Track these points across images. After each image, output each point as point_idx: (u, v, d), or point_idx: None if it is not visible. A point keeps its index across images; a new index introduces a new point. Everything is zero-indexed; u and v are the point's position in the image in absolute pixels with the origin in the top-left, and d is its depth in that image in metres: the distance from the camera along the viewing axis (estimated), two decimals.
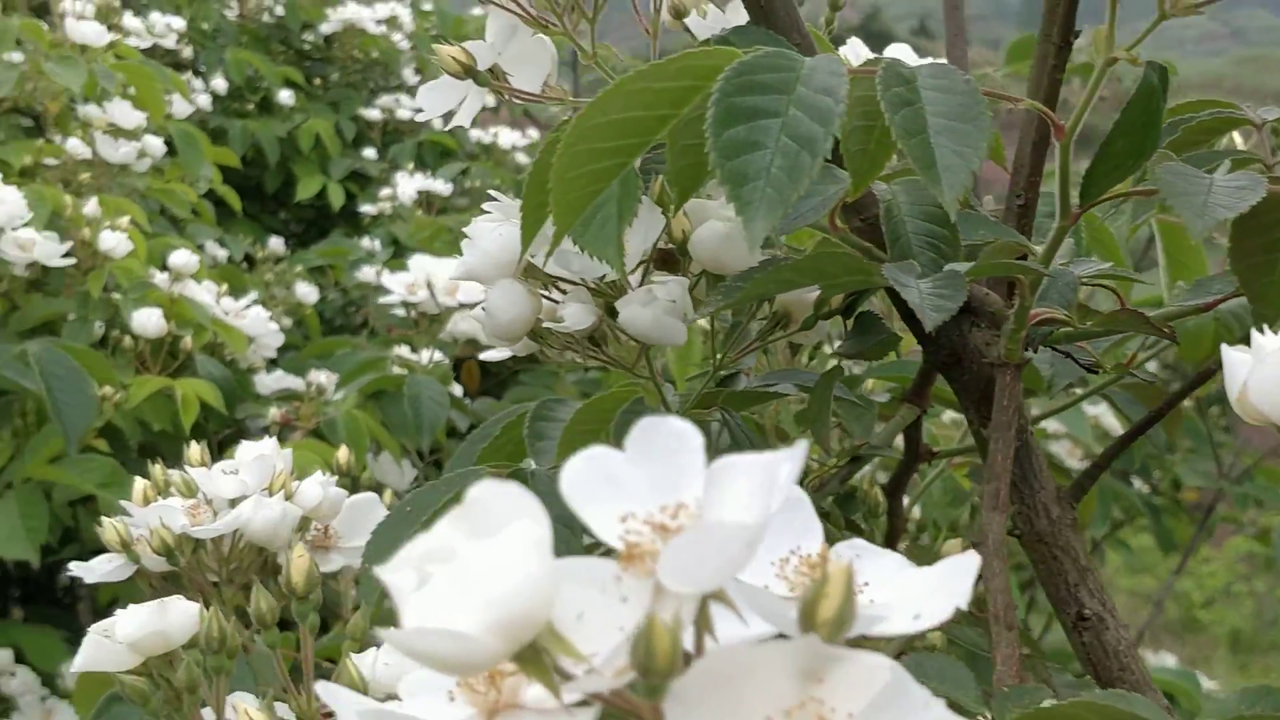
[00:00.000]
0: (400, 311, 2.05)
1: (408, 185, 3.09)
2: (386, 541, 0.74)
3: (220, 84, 3.44)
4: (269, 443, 0.93)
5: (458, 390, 2.03)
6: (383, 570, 0.33)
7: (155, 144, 2.06)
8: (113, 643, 0.58)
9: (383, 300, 2.09)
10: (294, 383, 1.93)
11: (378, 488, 1.42)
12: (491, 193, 0.85)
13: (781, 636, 0.33)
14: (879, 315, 0.75)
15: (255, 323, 1.87)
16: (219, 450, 1.90)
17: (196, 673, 0.56)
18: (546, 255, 0.65)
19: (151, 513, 0.84)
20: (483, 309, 0.76)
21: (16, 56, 2.03)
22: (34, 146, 1.95)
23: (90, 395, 1.50)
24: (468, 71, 0.73)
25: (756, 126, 0.53)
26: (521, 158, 3.84)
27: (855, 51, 0.77)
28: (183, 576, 0.91)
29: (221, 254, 2.80)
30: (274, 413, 1.77)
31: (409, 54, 3.98)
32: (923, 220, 0.66)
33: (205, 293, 1.84)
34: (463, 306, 1.83)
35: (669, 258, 0.76)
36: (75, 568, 0.89)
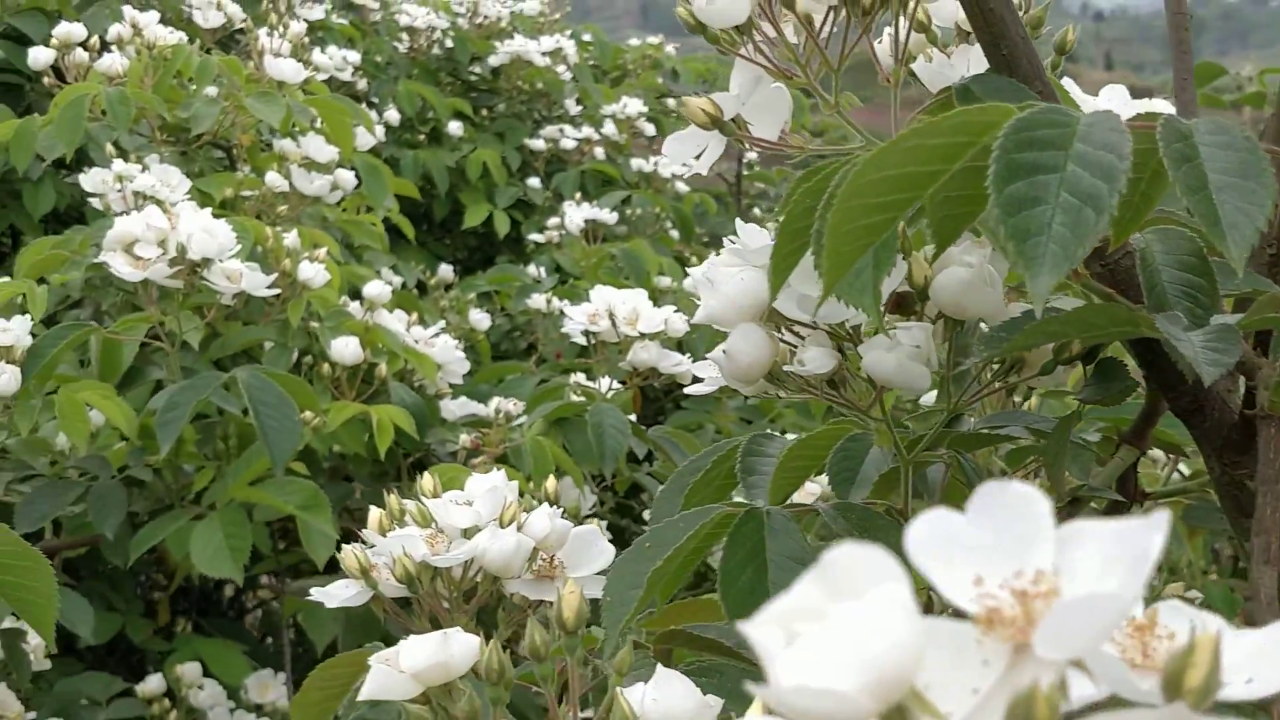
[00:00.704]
0: (581, 340, 2.09)
1: (575, 214, 3.14)
2: (628, 576, 0.75)
3: (393, 115, 3.53)
4: (499, 475, 0.95)
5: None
6: (748, 626, 0.34)
7: (347, 177, 2.12)
8: (398, 672, 0.60)
9: (565, 328, 2.12)
10: (477, 408, 1.97)
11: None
12: (731, 239, 0.85)
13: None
14: (1121, 362, 0.75)
15: (444, 350, 1.92)
16: (410, 474, 1.95)
17: (478, 703, 0.58)
18: (817, 306, 0.66)
19: (394, 541, 0.87)
20: (723, 351, 0.77)
21: (212, 91, 2.12)
22: (234, 179, 2.02)
23: (295, 420, 1.55)
24: (715, 122, 0.74)
25: (1036, 182, 0.53)
26: (681, 186, 3.88)
27: (1113, 99, 0.77)
28: (415, 603, 0.94)
29: (395, 281, 2.87)
30: (464, 439, 1.81)
31: (571, 85, 4.05)
32: (1178, 269, 0.65)
33: (396, 321, 1.89)
34: (643, 336, 1.85)
35: (904, 301, 0.76)
36: (317, 593, 0.93)
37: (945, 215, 0.62)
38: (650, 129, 4.02)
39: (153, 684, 1.87)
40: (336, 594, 0.91)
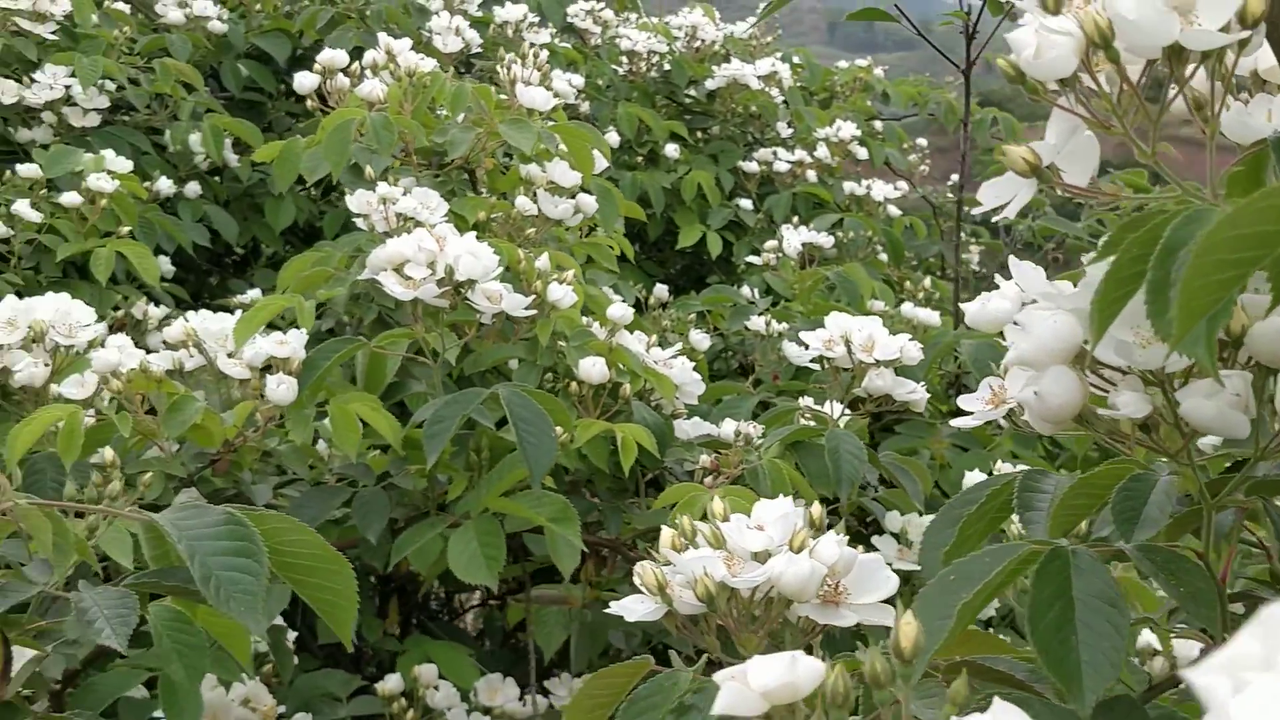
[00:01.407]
0: (801, 362, 2.12)
1: (793, 238, 3.16)
2: (937, 608, 0.77)
3: (613, 137, 3.60)
4: (786, 502, 0.99)
5: None
6: (1193, 674, 0.37)
7: (588, 201, 2.18)
8: (749, 690, 0.63)
9: (784, 351, 2.16)
10: (710, 428, 2.00)
11: None
12: (1003, 272, 0.87)
13: None
14: None
15: (682, 372, 1.96)
16: (646, 491, 2.00)
17: None
18: (1166, 356, 0.67)
19: (695, 561, 0.91)
20: (1034, 393, 0.78)
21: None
22: (486, 203, 2.10)
23: (552, 436, 1.61)
24: (1033, 170, 0.76)
25: None
26: (893, 209, 3.87)
27: None
28: (703, 620, 0.97)
29: (617, 300, 2.93)
30: (705, 459, 1.85)
31: (783, 109, 4.08)
32: None
33: (636, 342, 1.93)
34: (878, 363, 1.87)
35: None
36: (616, 607, 0.97)
37: None
38: (862, 152, 4.02)
39: (392, 683, 1.92)
40: (634, 608, 0.96)
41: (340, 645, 2.26)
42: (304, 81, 2.24)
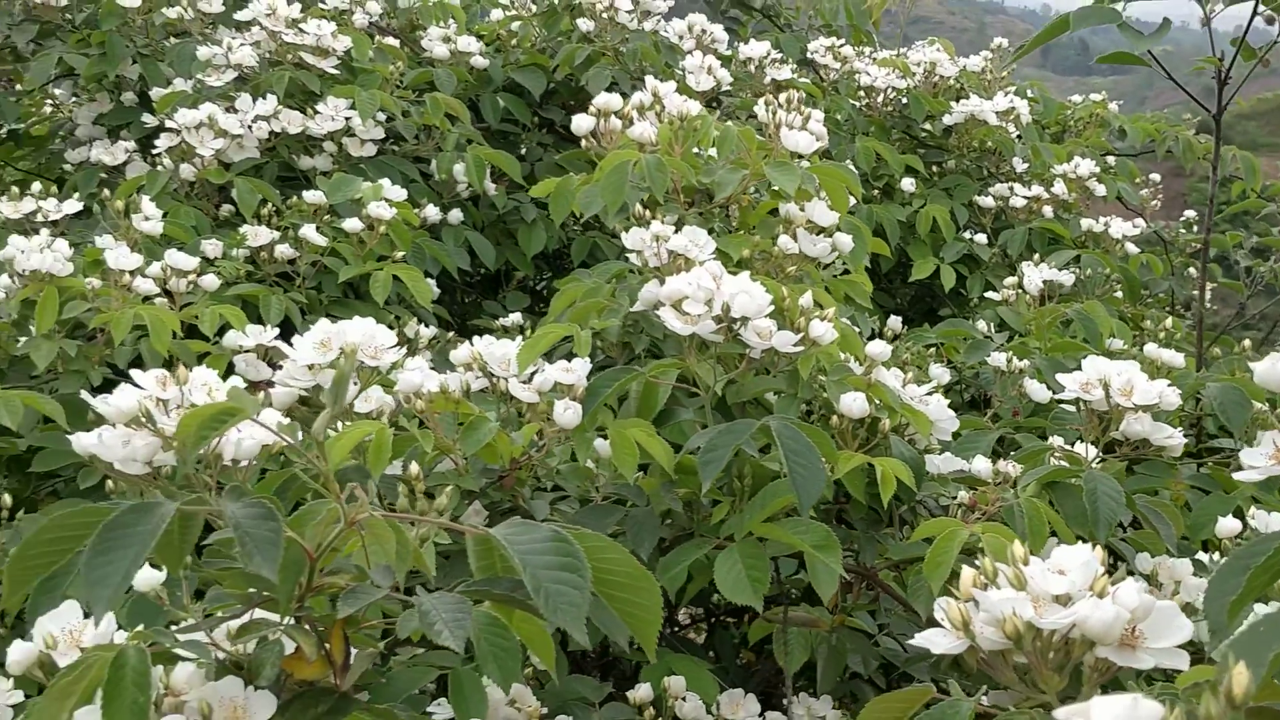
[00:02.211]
0: (1068, 406, 2.15)
1: (1034, 275, 3.17)
2: (1249, 655, 0.83)
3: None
4: (1084, 548, 1.04)
5: None
6: None
7: (845, 240, 2.25)
8: None
9: (1042, 392, 2.20)
10: (962, 464, 2.05)
11: None
12: (1241, 313, 0.92)
13: None
14: None
15: (937, 408, 2.01)
16: (899, 523, 2.06)
17: None
18: None
19: (1005, 603, 0.98)
20: None
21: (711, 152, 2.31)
22: (750, 241, 2.19)
23: (821, 468, 1.68)
24: None
25: None
26: (1131, 247, 3.84)
27: None
28: (1000, 657, 1.04)
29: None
30: (964, 495, 1.90)
31: (1020, 145, 4.08)
32: None
33: (893, 378, 2.00)
34: (1138, 409, 1.89)
35: None
36: (920, 639, 1.04)
37: None
38: (1100, 189, 4.00)
39: (643, 691, 2.00)
40: (938, 641, 1.03)
41: (585, 653, 2.38)
42: (581, 123, 2.36)
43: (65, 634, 1.36)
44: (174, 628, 1.35)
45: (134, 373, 1.50)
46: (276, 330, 2.46)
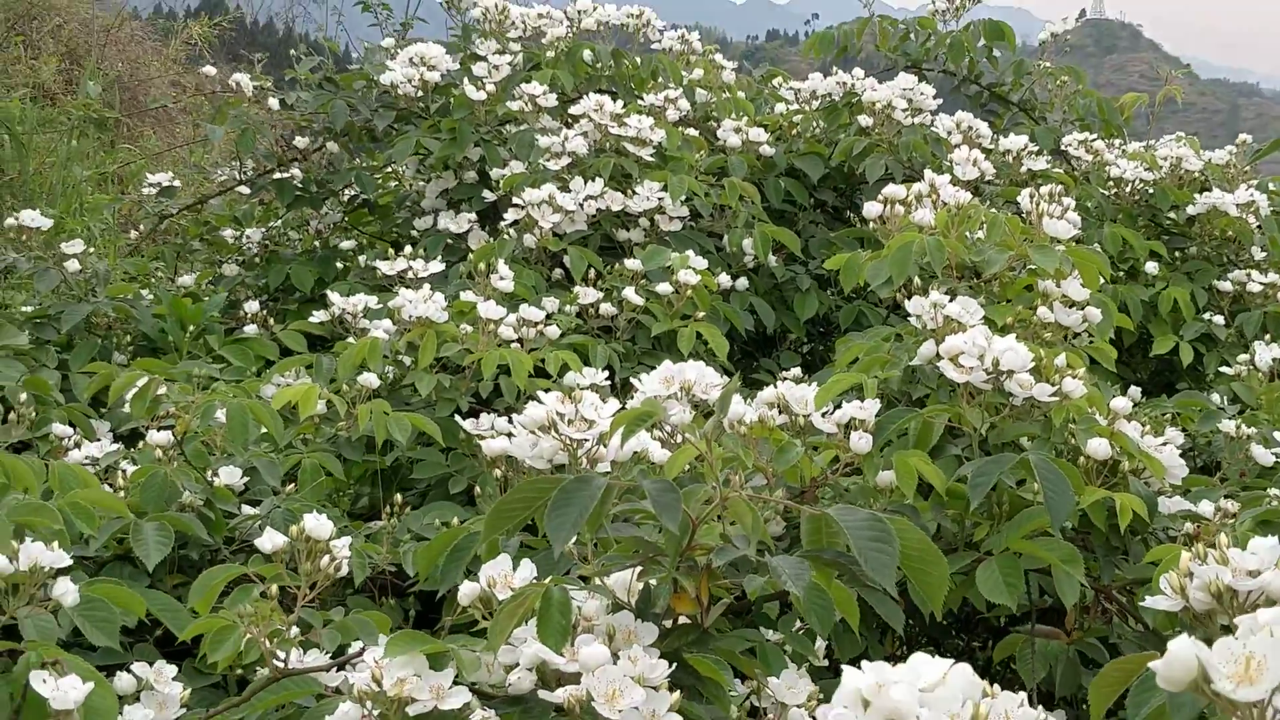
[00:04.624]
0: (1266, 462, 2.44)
1: (1265, 354, 3.41)
2: None
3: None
4: (1272, 540, 1.40)
5: None
6: None
7: (1095, 313, 2.59)
8: None
9: (1266, 455, 2.50)
10: (1188, 505, 2.35)
11: None
12: None
13: None
14: None
15: (1170, 457, 2.33)
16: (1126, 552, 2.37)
17: None
18: None
19: (1208, 570, 1.34)
20: None
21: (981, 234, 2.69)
22: (1012, 310, 2.55)
23: (1071, 495, 2.04)
24: None
25: None
26: None
27: None
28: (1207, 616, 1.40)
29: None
30: (1188, 526, 2.22)
31: (1259, 234, 4.28)
32: None
33: (1134, 430, 2.33)
34: None
35: None
36: (1149, 602, 1.41)
37: None
38: None
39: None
40: (1161, 602, 1.40)
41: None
42: (871, 209, 2.75)
43: (501, 578, 1.74)
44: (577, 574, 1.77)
45: (539, 394, 1.96)
46: (606, 372, 2.92)
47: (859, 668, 1.05)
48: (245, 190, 4.46)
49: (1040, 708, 2.52)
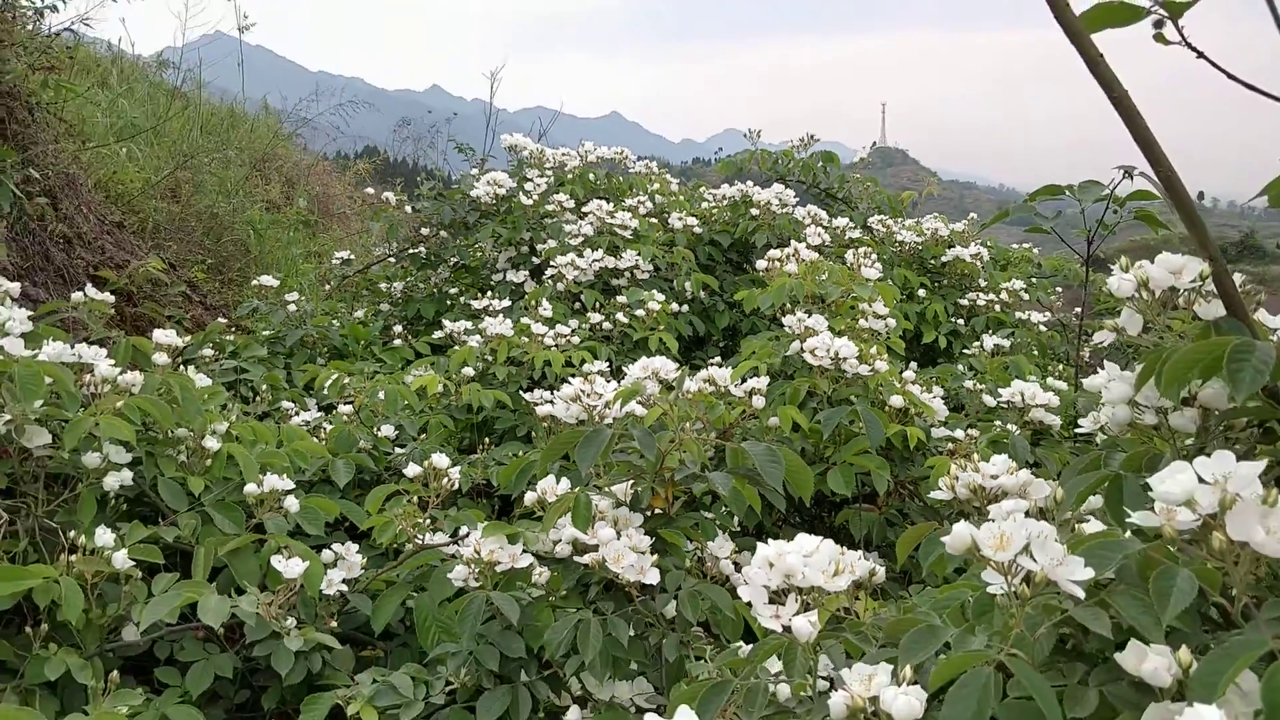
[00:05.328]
0: (1004, 407, 2.41)
1: (988, 341, 3.39)
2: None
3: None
4: (1002, 458, 1.38)
5: None
6: None
7: (891, 322, 2.57)
8: None
9: (992, 402, 2.46)
10: (948, 433, 2.34)
11: None
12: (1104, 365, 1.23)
13: None
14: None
15: (938, 403, 2.31)
16: (915, 460, 2.35)
17: None
18: (1163, 398, 1.05)
19: (970, 477, 1.32)
20: (1110, 418, 1.16)
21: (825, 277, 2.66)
22: (844, 322, 2.52)
23: (880, 428, 2.02)
24: (1115, 330, 1.15)
25: (1242, 360, 0.91)
26: (1042, 327, 4.00)
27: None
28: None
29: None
30: (950, 446, 2.21)
31: (983, 272, 4.25)
32: None
33: (915, 389, 2.30)
34: (1039, 407, 2.18)
35: None
36: (934, 495, 1.39)
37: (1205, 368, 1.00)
38: (1026, 296, 4.16)
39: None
40: (940, 495, 1.37)
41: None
42: (760, 264, 2.72)
43: (550, 488, 1.73)
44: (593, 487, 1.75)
45: (572, 377, 1.92)
46: (607, 363, 2.88)
47: (765, 541, 1.04)
48: (392, 260, 4.40)
49: (863, 552, 2.51)
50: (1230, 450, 0.84)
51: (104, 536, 1.54)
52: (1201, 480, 0.76)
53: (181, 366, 2.68)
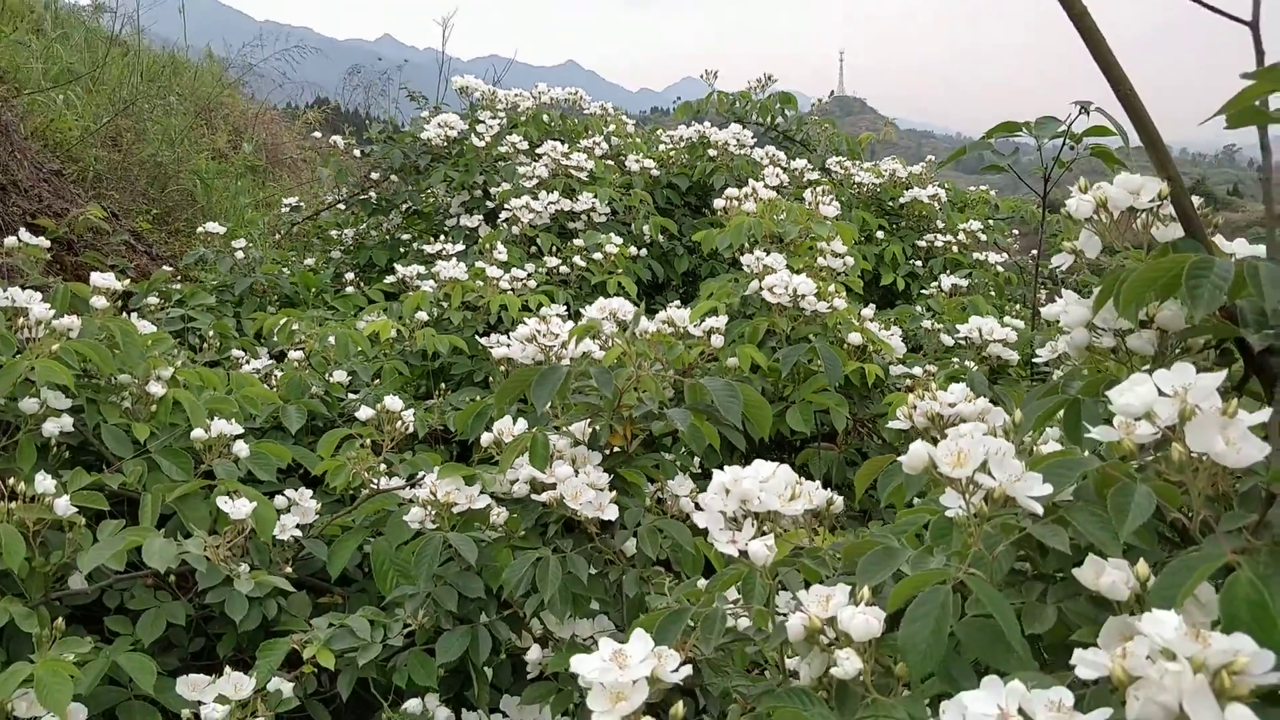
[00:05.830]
0: (961, 344, 2.42)
1: (945, 282, 3.39)
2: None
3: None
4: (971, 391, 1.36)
5: None
6: None
7: (849, 261, 2.54)
8: None
9: (949, 340, 2.46)
10: (905, 369, 2.33)
11: None
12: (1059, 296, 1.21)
13: None
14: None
15: (896, 341, 2.30)
16: (874, 395, 2.34)
17: None
18: (1120, 319, 1.03)
19: (927, 407, 1.30)
20: (1068, 343, 1.14)
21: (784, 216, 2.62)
22: (803, 260, 2.49)
23: (839, 366, 2.01)
24: (1074, 253, 1.12)
25: (1200, 278, 0.89)
26: (999, 268, 4.02)
27: (1238, 246, 1.07)
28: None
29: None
30: (909, 382, 2.20)
31: (940, 213, 4.26)
32: (1254, 312, 0.98)
33: (874, 327, 2.29)
34: (996, 342, 2.17)
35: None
36: (893, 424, 1.37)
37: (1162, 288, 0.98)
38: (983, 236, 4.18)
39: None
40: (899, 425, 1.36)
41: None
42: (718, 203, 2.67)
43: (507, 429, 1.68)
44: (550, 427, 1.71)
45: (527, 319, 1.87)
46: (565, 307, 2.83)
47: (722, 469, 1.01)
48: (342, 206, 4.27)
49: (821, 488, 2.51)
50: None
51: (44, 483, 1.48)
52: (1161, 393, 0.74)
53: (125, 315, 2.58)
